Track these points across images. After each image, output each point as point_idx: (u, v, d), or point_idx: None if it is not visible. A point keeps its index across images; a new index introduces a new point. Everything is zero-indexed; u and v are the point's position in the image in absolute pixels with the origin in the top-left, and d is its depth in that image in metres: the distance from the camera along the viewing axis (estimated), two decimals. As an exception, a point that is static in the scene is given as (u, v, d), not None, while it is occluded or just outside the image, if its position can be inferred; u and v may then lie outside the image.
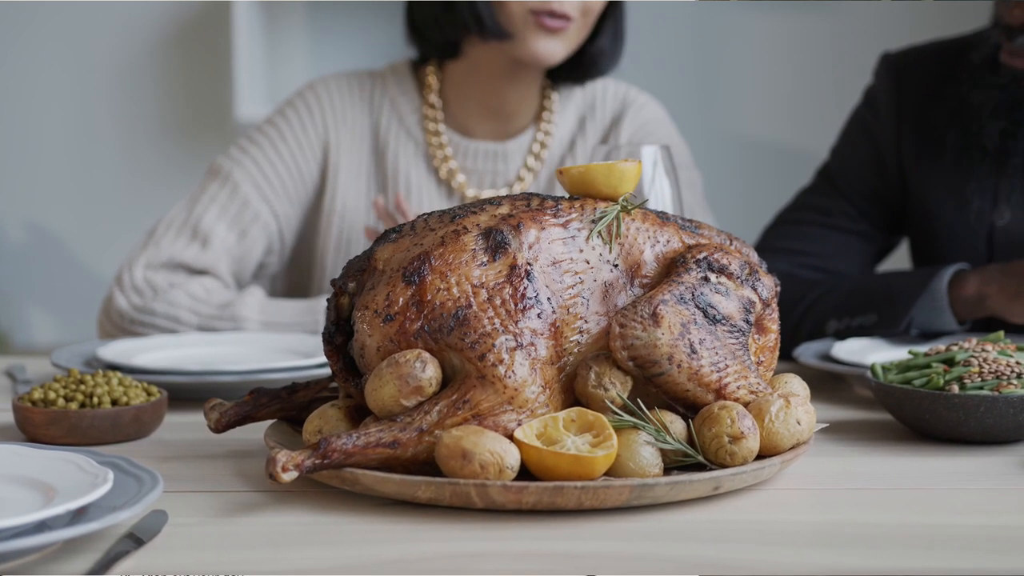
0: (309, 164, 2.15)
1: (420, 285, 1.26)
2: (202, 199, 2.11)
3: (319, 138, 2.15)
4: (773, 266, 2.06)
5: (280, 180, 2.13)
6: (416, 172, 2.15)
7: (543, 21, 2.02)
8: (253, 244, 2.11)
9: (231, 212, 2.10)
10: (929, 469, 1.39)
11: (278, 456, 1.18)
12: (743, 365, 1.31)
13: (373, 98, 2.17)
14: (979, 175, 2.06)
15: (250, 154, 2.14)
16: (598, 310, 1.30)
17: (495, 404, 1.23)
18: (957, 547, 1.14)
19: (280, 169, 2.13)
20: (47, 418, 1.44)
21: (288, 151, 2.14)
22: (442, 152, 2.14)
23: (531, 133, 2.18)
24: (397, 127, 2.15)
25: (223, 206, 2.10)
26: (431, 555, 1.11)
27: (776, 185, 2.93)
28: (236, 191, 2.11)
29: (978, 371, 1.47)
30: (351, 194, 2.15)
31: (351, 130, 2.16)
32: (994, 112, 2.03)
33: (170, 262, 2.05)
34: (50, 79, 3.57)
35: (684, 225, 1.38)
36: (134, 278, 2.03)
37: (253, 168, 2.12)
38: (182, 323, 1.99)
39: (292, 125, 2.15)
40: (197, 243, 2.07)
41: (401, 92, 2.17)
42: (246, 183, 2.11)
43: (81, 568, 1.06)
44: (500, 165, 2.16)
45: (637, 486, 1.20)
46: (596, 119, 2.20)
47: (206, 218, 2.09)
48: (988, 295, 1.87)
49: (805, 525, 1.20)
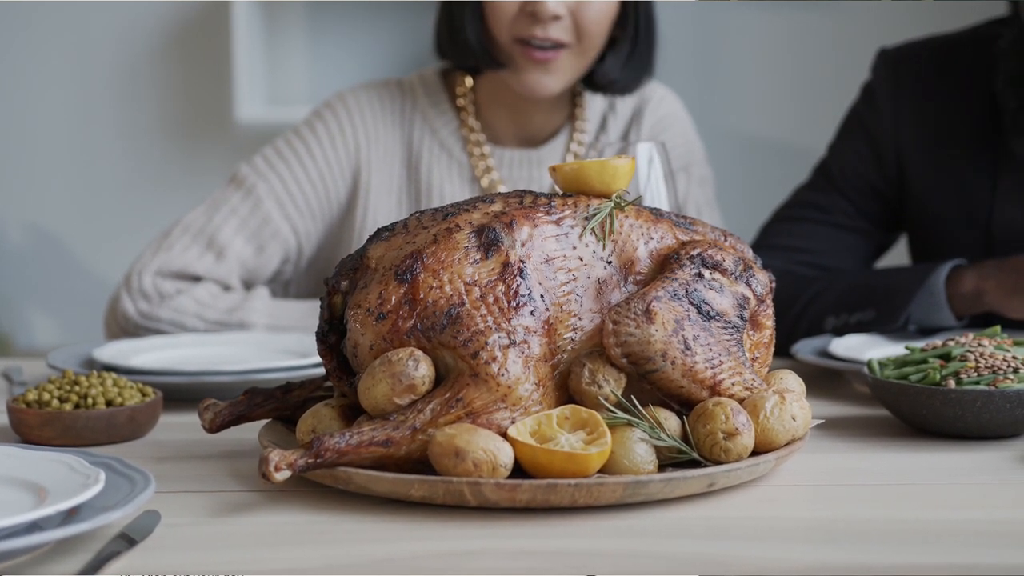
0: (337, 183, 2.10)
1: (413, 283, 1.26)
2: (222, 209, 2.06)
3: (349, 158, 2.10)
4: (771, 263, 2.06)
5: (305, 199, 2.08)
6: (451, 185, 2.11)
7: (530, 53, 1.96)
8: (269, 259, 2.08)
9: (251, 227, 2.06)
10: (925, 464, 1.38)
11: (271, 455, 1.18)
12: (737, 361, 1.31)
13: (404, 111, 2.12)
14: (958, 167, 2.06)
15: (276, 169, 2.08)
16: (592, 307, 1.30)
17: (488, 402, 1.23)
18: (953, 542, 1.13)
19: (306, 188, 2.08)
20: (41, 419, 1.44)
21: (316, 169, 2.09)
22: (484, 163, 2.10)
23: (564, 137, 2.15)
24: (430, 140, 2.11)
25: (243, 220, 2.06)
26: (424, 554, 1.10)
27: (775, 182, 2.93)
28: (258, 207, 2.06)
29: (975, 366, 1.46)
30: (382, 211, 2.11)
31: (383, 147, 2.11)
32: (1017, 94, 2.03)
33: (182, 272, 2.02)
34: (50, 81, 3.57)
35: (678, 222, 1.38)
36: (143, 283, 2.00)
37: (278, 184, 2.07)
38: (188, 329, 1.97)
39: (322, 141, 2.10)
40: (212, 254, 2.03)
41: (432, 104, 2.12)
42: (269, 199, 2.06)
43: (73, 568, 1.06)
44: (535, 171, 2.13)
45: (631, 483, 1.19)
46: (617, 116, 2.19)
47: (224, 230, 2.04)
48: (985, 291, 1.86)
49: (800, 521, 1.20)
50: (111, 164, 3.60)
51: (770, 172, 3.40)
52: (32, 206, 3.62)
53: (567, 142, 2.16)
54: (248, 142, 3.57)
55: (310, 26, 3.57)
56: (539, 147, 2.15)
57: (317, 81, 3.52)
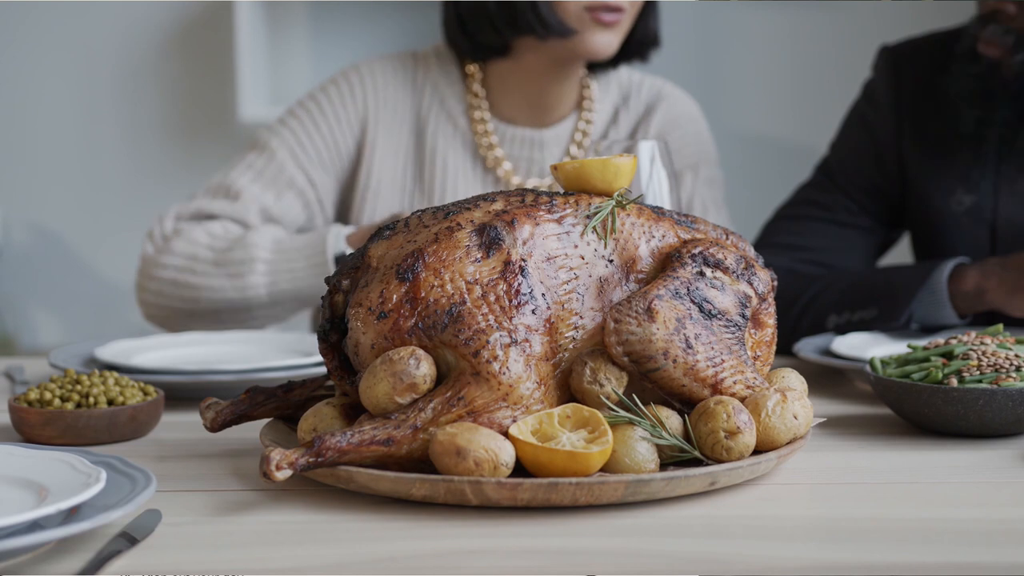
0: (346, 137, 2.17)
1: (414, 282, 1.26)
2: (238, 166, 2.16)
3: (357, 114, 2.18)
4: (773, 262, 2.06)
5: (316, 149, 2.16)
6: (454, 155, 2.17)
7: (600, 16, 2.04)
8: (289, 207, 2.14)
9: (266, 176, 2.14)
10: (927, 463, 1.38)
11: (272, 455, 1.18)
12: (739, 360, 1.31)
13: (416, 79, 2.20)
14: (958, 163, 2.06)
15: (288, 125, 2.17)
16: (593, 306, 1.30)
17: (490, 401, 1.23)
18: (956, 541, 1.13)
19: (316, 140, 2.16)
20: (43, 418, 1.44)
21: (326, 124, 2.17)
22: (487, 140, 2.17)
23: (572, 122, 2.20)
24: (438, 109, 2.17)
25: (258, 172, 2.14)
26: (426, 553, 1.10)
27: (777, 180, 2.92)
28: (272, 158, 2.15)
29: (977, 364, 1.46)
30: (386, 172, 2.17)
31: (392, 109, 2.18)
32: (970, 100, 2.04)
33: (199, 212, 2.09)
34: (53, 81, 3.57)
35: (680, 220, 1.38)
36: (164, 227, 2.08)
37: (290, 137, 2.16)
38: (199, 260, 2.02)
39: (332, 100, 2.18)
40: (228, 199, 2.11)
41: (443, 75, 2.19)
42: (282, 150, 2.15)
43: (74, 567, 1.05)
44: (536, 153, 2.18)
45: (633, 482, 1.19)
46: (630, 109, 2.22)
47: (240, 180, 2.13)
48: (988, 289, 1.86)
49: (802, 520, 1.19)
50: (114, 163, 3.60)
51: (772, 170, 3.40)
52: (35, 206, 3.62)
53: (572, 130, 2.19)
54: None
55: (313, 25, 3.57)
56: (544, 128, 2.19)
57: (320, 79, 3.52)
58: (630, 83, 2.25)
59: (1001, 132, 2.03)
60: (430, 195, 2.14)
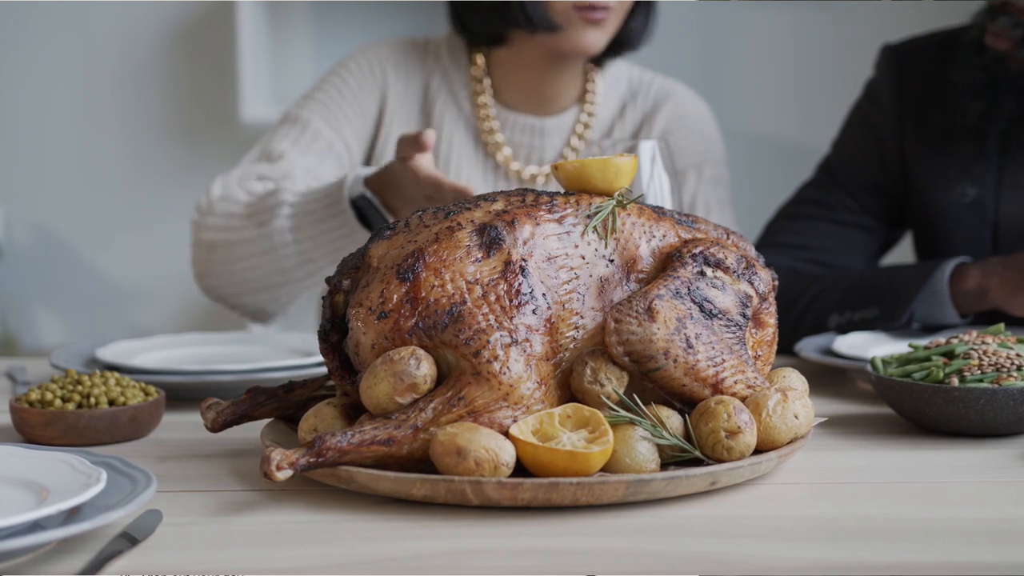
0: (370, 104, 2.19)
1: (414, 282, 1.26)
2: (275, 137, 2.16)
3: (377, 85, 2.20)
4: (775, 261, 2.06)
5: (345, 115, 2.17)
6: (458, 138, 2.18)
7: (587, 15, 2.05)
8: (329, 171, 2.14)
9: (303, 142, 2.14)
10: (929, 462, 1.38)
11: (272, 455, 1.18)
12: (740, 359, 1.31)
13: (426, 61, 2.22)
14: (962, 157, 2.06)
15: (316, 97, 2.19)
16: (594, 306, 1.30)
17: (490, 401, 1.23)
18: (957, 540, 1.13)
19: (344, 107, 2.18)
20: (44, 419, 1.44)
21: (350, 92, 2.19)
22: (489, 124, 2.18)
23: (574, 113, 2.21)
24: (445, 92, 2.19)
25: (294, 139, 2.14)
26: (426, 553, 1.10)
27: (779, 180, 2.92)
28: (306, 126, 2.15)
29: (978, 364, 1.46)
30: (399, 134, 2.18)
31: (404, 86, 2.20)
32: (975, 93, 2.03)
33: (245, 176, 2.08)
34: (55, 81, 3.57)
35: (680, 220, 1.38)
36: (210, 195, 2.07)
37: (320, 107, 2.17)
38: (233, 202, 2.01)
39: (353, 72, 2.20)
40: (264, 162, 2.12)
41: (452, 59, 2.21)
42: (315, 118, 2.16)
43: (75, 568, 1.06)
44: (537, 140, 2.19)
45: (633, 482, 1.19)
46: (637, 106, 2.24)
47: (280, 146, 2.13)
48: (989, 288, 1.86)
49: (803, 520, 1.19)
50: (116, 164, 3.60)
51: (774, 170, 3.40)
52: (38, 206, 3.62)
53: (574, 121, 2.20)
54: (253, 141, 3.57)
55: (315, 25, 3.57)
56: (546, 117, 2.20)
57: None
58: (640, 80, 2.26)
59: (1005, 126, 2.02)
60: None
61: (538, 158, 2.20)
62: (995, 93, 2.02)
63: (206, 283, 2.08)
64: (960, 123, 2.06)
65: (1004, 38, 1.95)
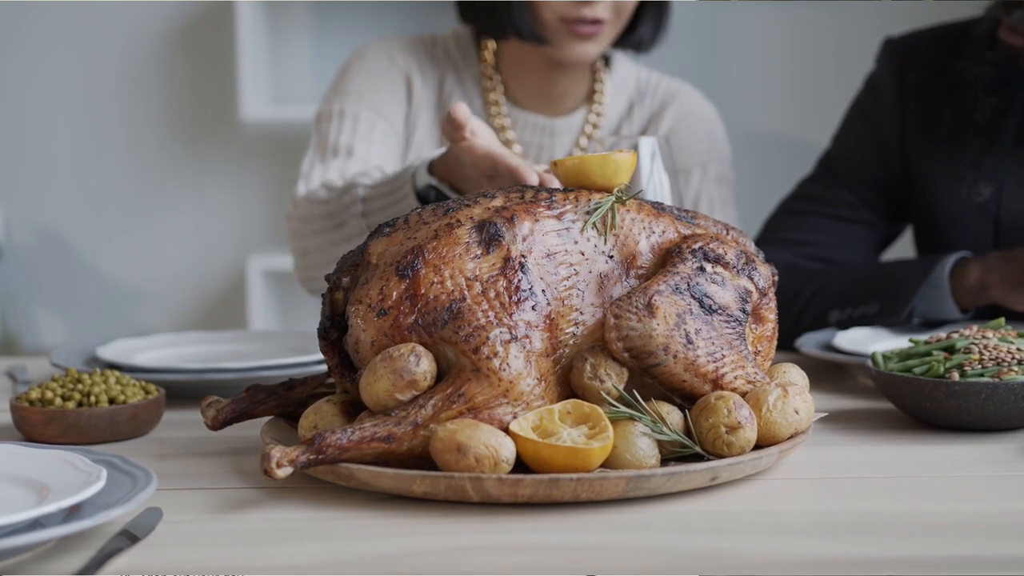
0: (399, 84, 2.17)
1: (414, 279, 1.26)
2: (327, 139, 2.12)
3: (400, 71, 2.18)
4: (775, 257, 2.06)
5: (382, 97, 2.15)
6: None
7: (575, 28, 2.05)
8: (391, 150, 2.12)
9: (361, 132, 2.11)
10: (929, 457, 1.38)
11: (272, 452, 1.18)
12: (740, 355, 1.31)
13: (437, 57, 2.21)
14: (972, 152, 2.05)
15: (347, 89, 2.16)
16: (593, 302, 1.30)
17: (490, 397, 1.23)
18: (958, 534, 1.13)
19: (380, 88, 2.15)
20: (44, 417, 1.44)
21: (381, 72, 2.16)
22: (500, 122, 2.18)
23: (583, 113, 2.21)
24: (458, 90, 2.19)
25: (340, 131, 2.11)
26: (427, 549, 1.10)
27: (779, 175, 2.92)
28: (344, 114, 2.13)
29: (978, 358, 1.46)
30: (426, 134, 2.18)
31: (422, 77, 2.19)
32: (987, 88, 2.03)
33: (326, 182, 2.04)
34: (55, 81, 3.57)
35: (680, 215, 1.38)
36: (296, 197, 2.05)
37: (352, 95, 2.14)
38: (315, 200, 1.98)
39: (375, 57, 2.18)
40: (340, 158, 2.08)
41: (462, 56, 2.21)
42: (350, 104, 2.13)
43: (75, 566, 1.05)
44: (547, 140, 2.19)
45: (633, 477, 1.19)
46: (644, 106, 2.24)
47: (339, 140, 2.10)
48: (990, 283, 1.86)
49: (803, 515, 1.19)
50: (117, 164, 3.60)
51: (774, 165, 3.40)
52: (38, 207, 3.62)
53: (583, 121, 2.21)
54: (253, 141, 3.57)
55: (314, 25, 3.57)
56: (556, 117, 2.20)
57: (322, 79, 3.52)
58: (648, 81, 2.26)
59: (1017, 122, 2.01)
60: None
61: (547, 157, 2.20)
62: (1008, 89, 2.01)
63: (311, 287, 2.09)
64: (969, 118, 2.05)
65: (1019, 33, 1.94)
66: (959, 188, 2.06)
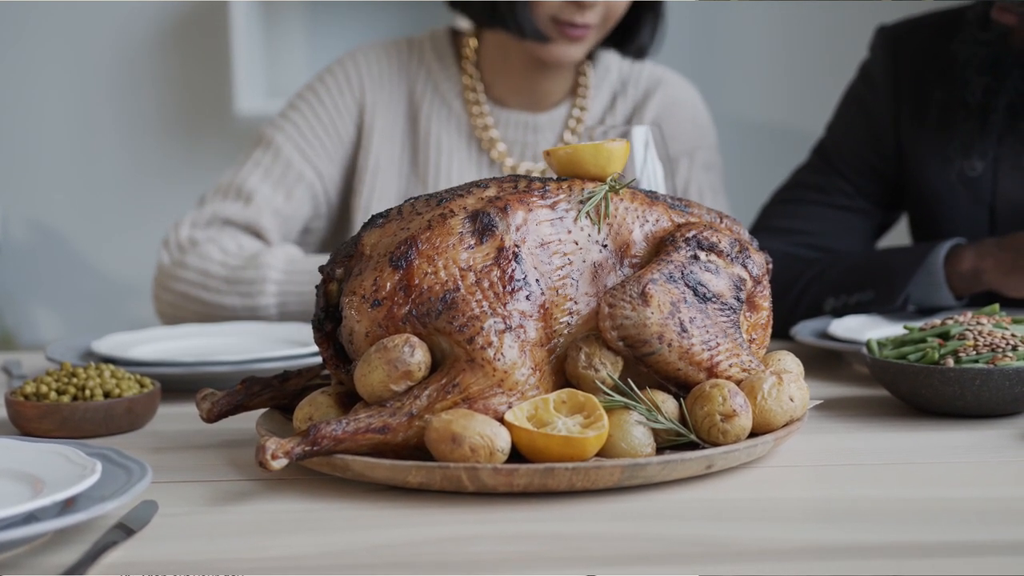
0: (346, 123, 2.20)
1: (407, 269, 1.25)
2: (247, 165, 2.17)
3: (355, 100, 2.20)
4: (771, 246, 2.06)
5: (319, 140, 2.18)
6: (448, 138, 2.19)
7: (565, 30, 2.07)
8: (299, 205, 2.16)
9: (275, 174, 2.15)
10: (925, 443, 1.38)
11: (267, 444, 1.18)
12: (734, 343, 1.31)
13: (410, 65, 2.22)
14: (962, 134, 2.05)
15: (291, 119, 2.20)
16: (588, 291, 1.30)
17: (485, 387, 1.23)
18: (953, 520, 1.13)
19: (319, 130, 2.18)
20: (39, 412, 1.44)
21: (326, 113, 2.19)
22: (482, 121, 2.19)
23: (566, 108, 2.22)
24: (432, 94, 2.20)
25: (267, 169, 2.16)
26: (422, 539, 1.10)
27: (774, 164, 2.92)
28: (278, 154, 2.17)
29: (973, 344, 1.46)
30: (384, 155, 2.19)
31: (387, 94, 2.20)
32: (979, 68, 2.02)
33: (214, 218, 2.11)
34: (50, 77, 3.57)
35: (673, 204, 1.38)
36: (179, 236, 2.10)
37: (294, 131, 2.18)
38: (211, 276, 2.04)
39: (330, 90, 2.21)
40: (241, 201, 2.13)
41: (438, 58, 2.21)
42: (287, 146, 2.17)
43: (70, 559, 1.05)
44: (531, 136, 2.19)
45: (629, 466, 1.19)
46: (628, 96, 2.24)
47: (250, 180, 2.15)
48: (984, 270, 1.86)
49: (799, 502, 1.19)
50: (112, 159, 3.60)
51: (769, 154, 3.39)
52: (34, 203, 3.62)
53: (566, 116, 2.21)
54: (248, 135, 3.57)
55: (308, 20, 3.57)
56: (539, 113, 2.21)
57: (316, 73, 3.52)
58: (630, 70, 2.26)
59: (1009, 102, 2.01)
60: (425, 179, 2.17)
61: (532, 154, 2.20)
62: (1000, 68, 2.01)
63: (171, 321, 2.10)
64: (962, 99, 2.05)
65: (1012, 13, 1.94)
66: (949, 171, 2.06)
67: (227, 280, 2.02)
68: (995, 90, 2.00)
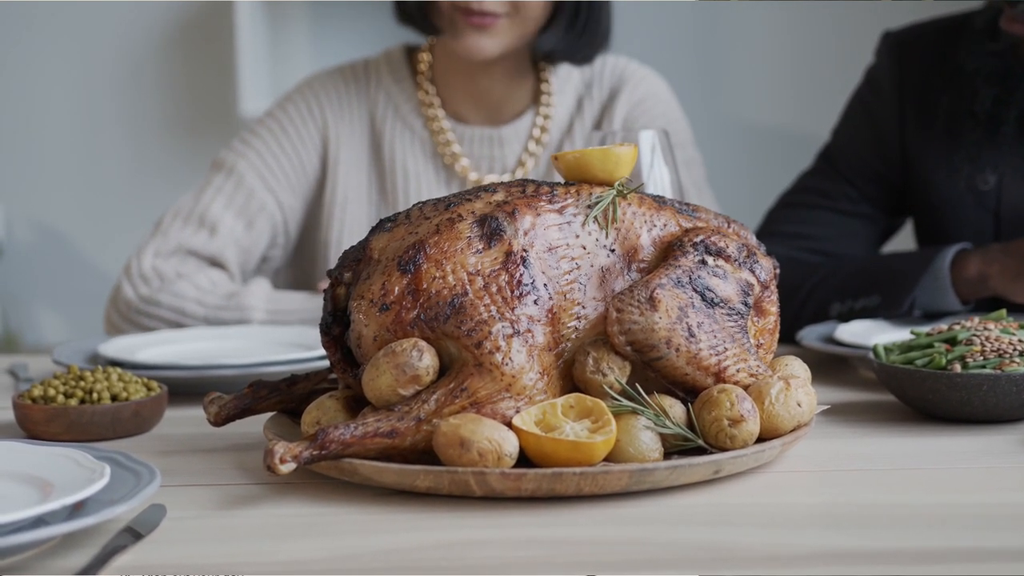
0: (310, 155, 2.17)
1: (415, 274, 1.25)
2: (208, 190, 2.14)
3: (319, 131, 2.17)
4: (775, 250, 2.06)
5: (283, 171, 2.15)
6: (413, 160, 2.16)
7: (468, 19, 2.03)
8: (259, 235, 2.14)
9: (237, 202, 2.13)
10: (931, 449, 1.38)
11: (276, 448, 1.18)
12: (742, 348, 1.31)
13: (369, 90, 2.19)
14: (969, 143, 2.05)
15: (253, 146, 2.16)
16: (595, 295, 1.30)
17: (493, 391, 1.23)
18: (961, 526, 1.13)
19: (283, 160, 2.16)
20: (47, 415, 1.44)
21: (289, 143, 2.16)
22: (444, 137, 2.16)
23: (530, 117, 2.18)
24: (393, 116, 2.17)
25: (229, 196, 2.13)
26: (430, 544, 1.10)
27: (779, 169, 2.92)
28: (241, 182, 2.14)
29: (980, 350, 1.46)
30: (352, 186, 2.17)
31: (349, 123, 2.17)
32: (988, 79, 2.02)
33: (179, 249, 2.08)
34: (55, 78, 3.57)
35: (681, 209, 1.38)
36: (142, 266, 2.06)
37: (256, 159, 2.15)
38: (188, 315, 2.00)
39: (292, 119, 2.18)
40: (205, 231, 2.10)
41: (395, 80, 2.19)
42: (250, 174, 2.14)
43: (79, 563, 1.06)
44: (496, 150, 2.16)
45: (636, 471, 1.19)
46: (593, 98, 2.19)
47: (213, 207, 2.12)
48: (990, 275, 1.86)
49: (806, 507, 1.19)
50: (116, 161, 3.60)
51: (774, 159, 3.39)
52: (38, 204, 3.62)
53: (530, 126, 2.18)
54: (252, 136, 3.56)
55: (312, 21, 3.57)
56: (501, 125, 2.18)
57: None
58: (592, 69, 2.21)
59: (1019, 113, 2.00)
60: (395, 204, 2.14)
61: (499, 166, 2.17)
62: (1010, 80, 2.01)
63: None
64: (970, 108, 2.05)
65: (1021, 23, 1.93)
66: (956, 179, 2.06)
67: (207, 320, 2.00)
68: (1005, 101, 2.00)
